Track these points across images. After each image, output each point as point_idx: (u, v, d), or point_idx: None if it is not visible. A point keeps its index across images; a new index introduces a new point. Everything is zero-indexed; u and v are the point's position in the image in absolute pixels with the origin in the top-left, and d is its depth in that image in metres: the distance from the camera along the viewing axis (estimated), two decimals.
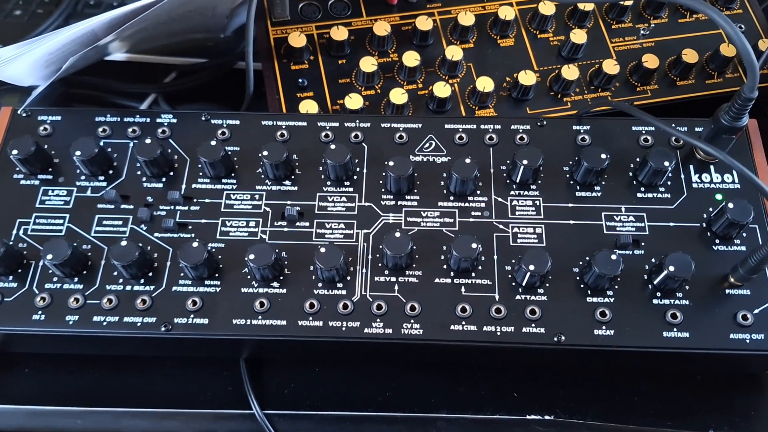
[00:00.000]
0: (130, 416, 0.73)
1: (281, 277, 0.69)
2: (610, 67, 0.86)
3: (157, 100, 1.01)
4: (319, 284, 0.69)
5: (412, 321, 0.67)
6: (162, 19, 0.85)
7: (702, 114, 0.76)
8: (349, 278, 0.69)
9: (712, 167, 0.74)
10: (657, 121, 0.71)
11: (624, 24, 0.92)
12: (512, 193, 0.74)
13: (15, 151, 0.72)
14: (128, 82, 1.01)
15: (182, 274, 0.69)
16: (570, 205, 0.73)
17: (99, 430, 0.73)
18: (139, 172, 0.75)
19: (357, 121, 0.78)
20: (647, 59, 0.87)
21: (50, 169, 0.75)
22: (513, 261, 0.70)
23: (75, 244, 0.69)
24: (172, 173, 0.75)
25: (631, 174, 0.74)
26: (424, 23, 0.87)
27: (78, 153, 0.72)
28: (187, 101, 1.02)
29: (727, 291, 0.68)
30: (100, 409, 0.73)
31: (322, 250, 0.67)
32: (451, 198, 0.73)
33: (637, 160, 0.74)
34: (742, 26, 0.93)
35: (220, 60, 1.03)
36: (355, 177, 0.75)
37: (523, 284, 0.68)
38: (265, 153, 0.72)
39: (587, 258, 0.69)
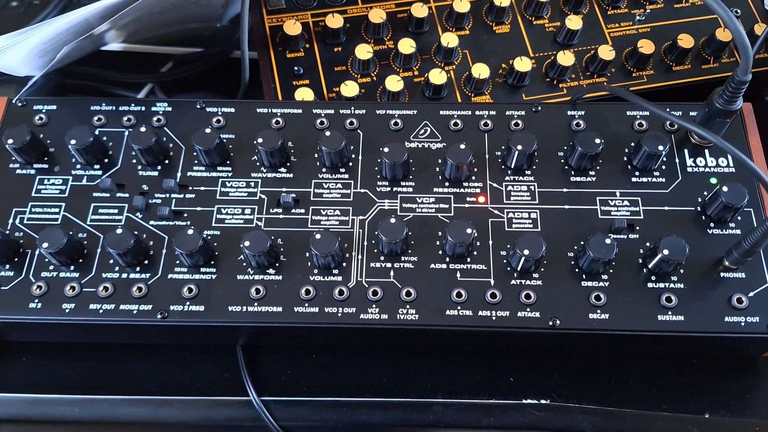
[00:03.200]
0: (127, 404, 0.73)
1: (277, 264, 0.70)
2: (606, 52, 0.86)
3: (153, 89, 1.01)
4: (315, 271, 0.69)
5: (407, 306, 0.67)
6: (156, 8, 0.85)
7: (699, 99, 0.76)
8: (344, 264, 0.70)
9: (706, 151, 0.74)
10: (650, 105, 0.71)
11: (620, 9, 0.92)
12: (507, 178, 0.74)
13: (10, 141, 0.72)
14: (125, 72, 1.01)
15: (178, 262, 0.70)
16: (565, 190, 0.73)
17: (96, 418, 0.73)
18: (134, 161, 0.75)
19: (352, 108, 0.78)
20: (643, 45, 0.87)
21: (46, 159, 0.75)
22: (508, 246, 0.70)
23: (71, 233, 0.69)
24: (167, 161, 0.75)
25: (625, 158, 0.74)
26: (419, 10, 0.87)
27: (73, 142, 0.72)
28: (184, 91, 1.02)
29: (721, 274, 0.68)
30: (97, 396, 0.73)
31: (318, 236, 0.67)
32: (447, 184, 0.73)
33: (632, 144, 0.74)
34: (738, 11, 0.93)
35: (216, 49, 1.03)
36: (351, 164, 0.75)
37: (518, 269, 0.68)
38: (260, 140, 0.72)
39: (582, 242, 0.69)
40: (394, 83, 0.83)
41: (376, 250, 0.70)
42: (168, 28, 1.00)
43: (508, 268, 0.69)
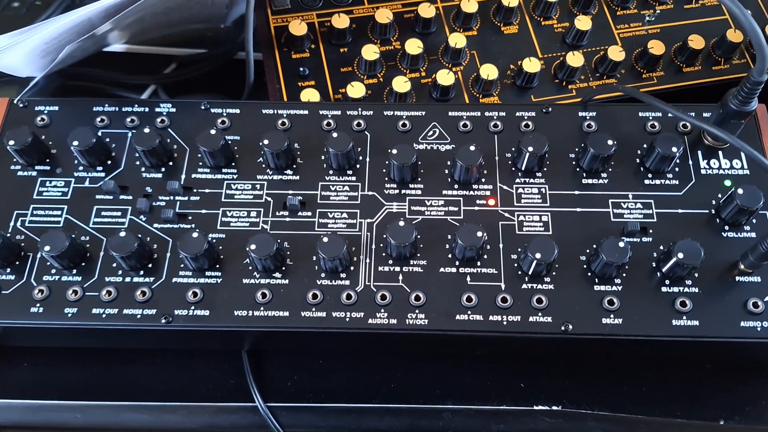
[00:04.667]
0: (130, 410, 0.72)
1: (283, 268, 0.68)
2: (616, 53, 0.85)
3: (156, 91, 1.00)
4: (322, 274, 0.68)
5: (416, 311, 0.66)
6: (160, 8, 0.84)
7: (709, 101, 0.75)
8: (352, 268, 0.68)
9: (720, 153, 0.73)
10: (666, 105, 0.70)
11: (629, 10, 0.91)
12: (518, 180, 0.72)
13: (12, 142, 0.71)
14: (127, 73, 1.00)
15: (182, 266, 0.68)
16: (576, 192, 0.72)
17: (99, 424, 0.72)
18: (137, 163, 0.74)
19: (359, 109, 0.77)
20: (653, 45, 0.86)
21: (48, 160, 0.74)
22: (519, 249, 0.69)
23: (73, 236, 0.68)
24: (171, 163, 0.74)
25: (638, 160, 0.73)
26: (426, 10, 0.86)
27: (75, 143, 0.71)
28: (187, 92, 1.00)
29: (737, 278, 0.67)
30: (100, 402, 0.73)
31: (325, 239, 0.66)
32: (456, 186, 0.72)
33: (644, 146, 0.73)
34: (749, 11, 0.91)
35: (220, 50, 1.02)
36: (358, 166, 0.74)
37: (530, 273, 0.67)
38: (266, 142, 0.71)
39: (594, 246, 0.68)
40: (401, 84, 0.82)
41: (384, 254, 0.69)
42: (171, 29, 0.99)
43: (519, 272, 0.68)
